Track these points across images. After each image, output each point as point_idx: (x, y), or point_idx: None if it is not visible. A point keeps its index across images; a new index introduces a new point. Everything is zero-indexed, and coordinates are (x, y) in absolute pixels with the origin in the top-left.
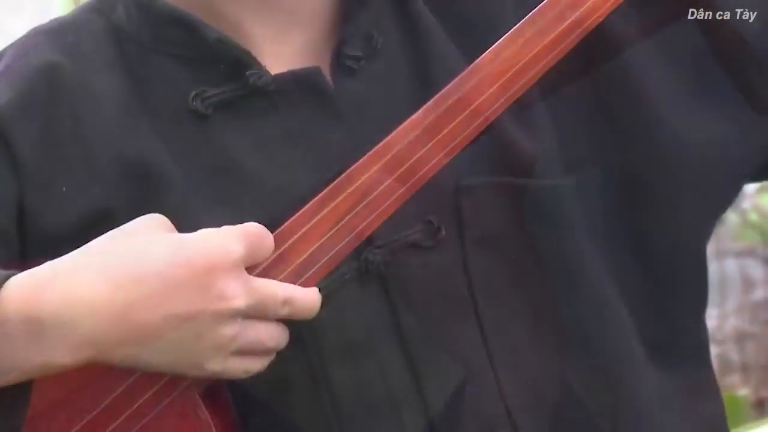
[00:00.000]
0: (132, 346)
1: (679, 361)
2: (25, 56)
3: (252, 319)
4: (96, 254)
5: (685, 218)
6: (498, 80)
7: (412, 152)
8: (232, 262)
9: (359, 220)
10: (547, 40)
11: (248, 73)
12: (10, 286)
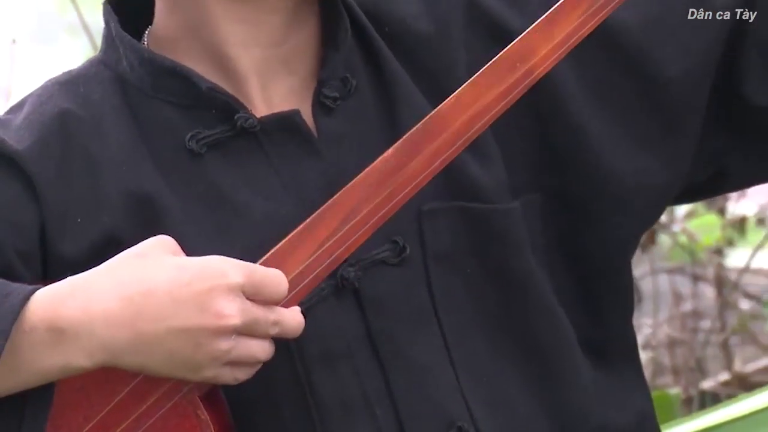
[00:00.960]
0: (139, 353)
1: (612, 360)
2: (42, 105)
3: (245, 336)
4: (110, 272)
5: (613, 236)
6: (458, 122)
7: (384, 187)
8: (230, 286)
9: (337, 246)
10: (500, 89)
11: (237, 116)
12: (36, 299)
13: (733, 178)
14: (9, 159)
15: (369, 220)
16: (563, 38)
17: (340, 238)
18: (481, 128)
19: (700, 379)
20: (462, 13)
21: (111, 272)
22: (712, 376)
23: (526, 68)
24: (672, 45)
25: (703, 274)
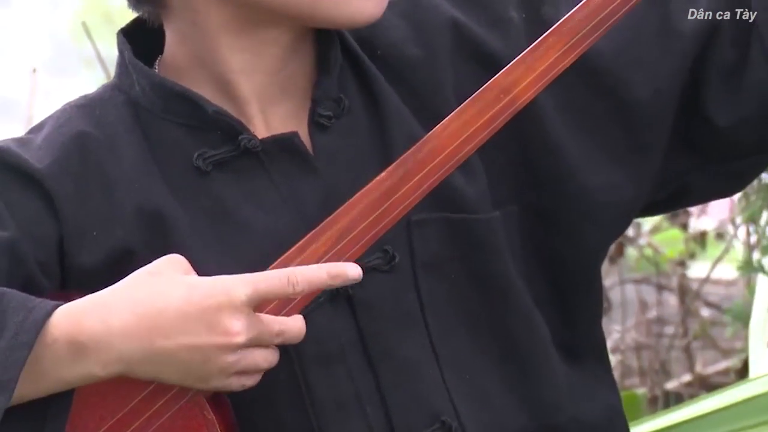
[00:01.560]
0: (152, 364)
1: (583, 359)
2: (61, 127)
3: (251, 348)
4: (126, 290)
5: (584, 245)
6: (447, 148)
7: (378, 206)
8: (237, 304)
9: (334, 259)
10: (486, 117)
11: (240, 137)
12: (57, 314)
13: (695, 194)
14: (30, 177)
15: (364, 236)
16: (544, 70)
17: (337, 252)
18: (468, 153)
19: (664, 380)
20: (448, 38)
21: (127, 290)
22: (676, 378)
23: (510, 98)
24: (641, 70)
25: (667, 284)
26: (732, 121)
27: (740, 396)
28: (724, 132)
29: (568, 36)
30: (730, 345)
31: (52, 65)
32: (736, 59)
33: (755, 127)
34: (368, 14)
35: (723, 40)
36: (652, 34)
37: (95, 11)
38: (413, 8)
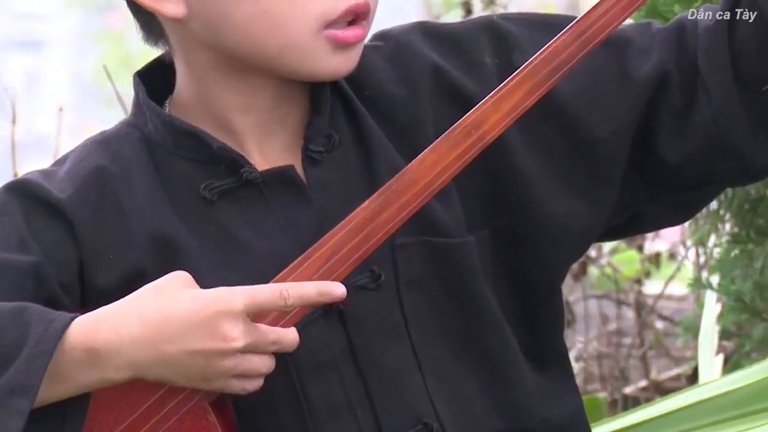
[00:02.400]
0: (159, 369)
1: (548, 367)
2: (81, 161)
3: (249, 354)
4: (135, 302)
5: (548, 266)
6: (423, 180)
7: (362, 231)
8: (235, 313)
9: (325, 278)
10: (458, 151)
11: (242, 170)
12: (74, 325)
13: (648, 222)
14: (53, 206)
15: (350, 257)
16: (510, 109)
17: (326, 271)
18: (442, 183)
19: (623, 385)
20: (429, 80)
21: (136, 302)
22: (633, 383)
23: (479, 134)
24: (600, 111)
25: (625, 299)
26: (679, 157)
27: (691, 399)
28: (672, 166)
29: (531, 77)
30: (682, 354)
31: (77, 105)
32: (683, 103)
33: (700, 163)
34: (331, 71)
35: (672, 86)
36: (610, 79)
37: (115, 56)
38: (398, 52)
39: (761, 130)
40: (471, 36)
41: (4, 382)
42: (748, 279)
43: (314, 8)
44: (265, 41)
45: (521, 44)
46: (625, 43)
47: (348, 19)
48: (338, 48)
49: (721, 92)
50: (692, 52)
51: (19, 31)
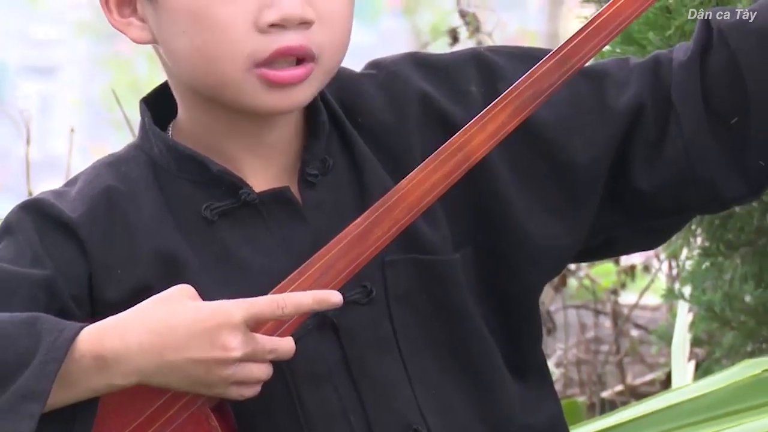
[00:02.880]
0: (163, 375)
1: (528, 376)
2: (92, 182)
3: (247, 362)
4: (141, 312)
5: (527, 283)
6: (412, 197)
7: (354, 247)
8: (234, 323)
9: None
10: (445, 171)
11: (241, 192)
12: (84, 333)
13: (620, 245)
14: (65, 225)
15: (342, 272)
16: (494, 131)
17: (319, 285)
18: (429, 202)
19: (600, 390)
20: (418, 108)
21: (142, 312)
22: (610, 388)
23: (464, 154)
24: (579, 139)
25: (603, 309)
26: (652, 185)
27: (664, 403)
28: (645, 194)
29: (515, 101)
30: (656, 360)
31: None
32: (657, 134)
33: (672, 192)
34: (269, 107)
35: (647, 118)
36: (590, 109)
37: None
38: (390, 81)
39: (731, 161)
40: (459, 66)
41: (16, 387)
42: (718, 290)
43: (243, 48)
44: (204, 76)
45: (506, 75)
46: (604, 75)
47: (288, 60)
48: (273, 87)
49: (692, 125)
50: (666, 87)
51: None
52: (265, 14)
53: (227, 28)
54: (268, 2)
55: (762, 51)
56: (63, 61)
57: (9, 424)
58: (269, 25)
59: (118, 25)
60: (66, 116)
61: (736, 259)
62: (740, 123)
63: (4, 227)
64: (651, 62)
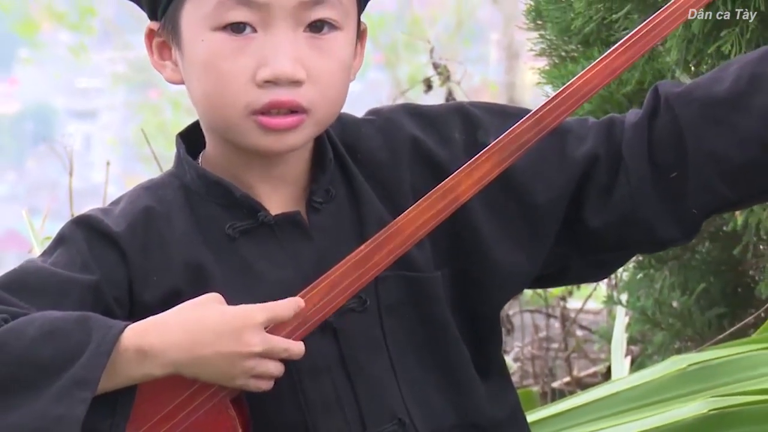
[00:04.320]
0: (194, 367)
1: (491, 375)
2: (133, 202)
3: (265, 358)
4: (177, 314)
5: (492, 301)
6: (408, 230)
7: (358, 269)
8: (255, 324)
9: (326, 305)
10: (436, 209)
11: (259, 214)
12: (128, 331)
13: (571, 276)
14: (110, 237)
15: (348, 289)
16: (480, 177)
17: (328, 301)
18: (423, 234)
19: (551, 381)
20: (409, 149)
21: (178, 314)
22: (559, 379)
23: (454, 196)
24: (542, 182)
25: (553, 313)
26: (601, 224)
27: (605, 392)
28: (595, 231)
29: (498, 154)
30: (597, 356)
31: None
32: (607, 181)
33: (617, 231)
34: (265, 148)
35: (600, 167)
36: (552, 158)
37: (152, 123)
38: (386, 125)
39: (668, 209)
40: (445, 116)
41: (70, 375)
42: (650, 297)
43: (242, 98)
44: (213, 118)
45: (484, 125)
46: (566, 131)
47: (282, 111)
48: (268, 131)
49: (638, 176)
50: (618, 143)
51: (77, 104)
52: (261, 72)
53: (230, 81)
54: (264, 62)
55: (702, 117)
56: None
57: (64, 407)
58: (264, 81)
59: (156, 65)
60: (104, 152)
61: (665, 271)
62: (678, 177)
63: (58, 238)
64: (606, 122)
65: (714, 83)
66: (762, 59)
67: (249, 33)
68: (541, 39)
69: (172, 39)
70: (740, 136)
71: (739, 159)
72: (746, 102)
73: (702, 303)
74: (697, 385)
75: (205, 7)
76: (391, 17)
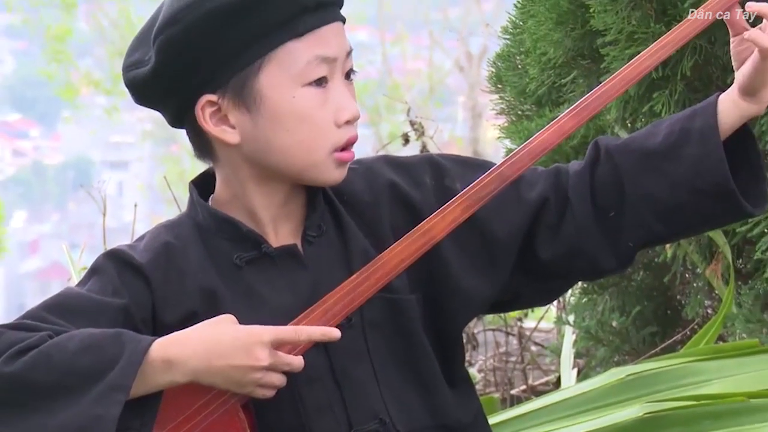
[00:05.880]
0: (210, 376)
1: (457, 384)
2: (155, 239)
3: (270, 371)
4: (197, 331)
5: (456, 322)
6: (392, 264)
7: (350, 295)
8: (264, 342)
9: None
10: (415, 247)
11: (262, 246)
12: (155, 344)
13: (522, 301)
14: (137, 267)
15: (341, 312)
16: (452, 220)
17: (325, 321)
18: (404, 267)
19: (510, 389)
20: (387, 192)
21: (198, 331)
22: (517, 387)
23: (431, 236)
24: (501, 219)
25: (511, 331)
26: (550, 256)
27: (555, 399)
28: (545, 262)
29: (468, 200)
30: (549, 368)
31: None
32: (556, 220)
33: (563, 262)
34: (335, 179)
35: (550, 208)
36: (510, 200)
37: (174, 172)
38: (368, 173)
39: (608, 243)
40: (417, 165)
41: (107, 381)
42: (593, 318)
43: (330, 138)
44: (297, 161)
45: (450, 173)
46: (521, 178)
47: (348, 145)
48: (341, 164)
49: (582, 215)
50: (565, 187)
51: (111, 156)
52: (342, 115)
53: (322, 126)
54: (342, 106)
55: (638, 166)
56: (132, 158)
57: (102, 408)
58: (344, 122)
59: (213, 132)
60: (133, 196)
61: (606, 296)
62: (617, 216)
63: (92, 268)
64: (554, 170)
65: (649, 137)
66: (690, 117)
67: (324, 84)
68: (500, 100)
69: (239, 104)
70: (671, 181)
71: (670, 201)
72: (676, 153)
73: (637, 323)
74: (633, 393)
75: (293, 68)
76: (374, 83)
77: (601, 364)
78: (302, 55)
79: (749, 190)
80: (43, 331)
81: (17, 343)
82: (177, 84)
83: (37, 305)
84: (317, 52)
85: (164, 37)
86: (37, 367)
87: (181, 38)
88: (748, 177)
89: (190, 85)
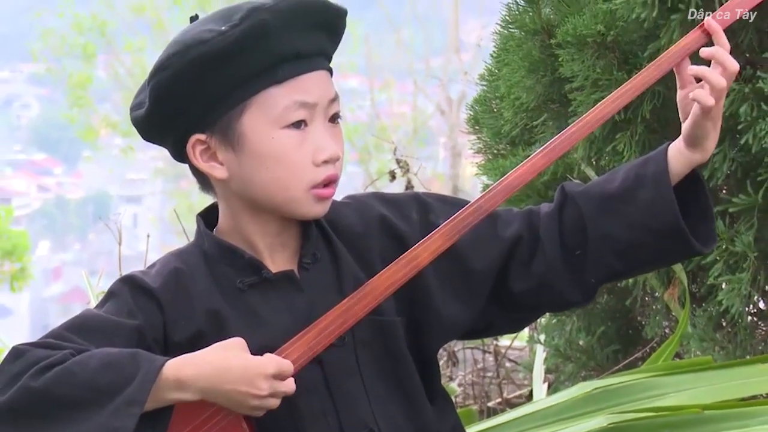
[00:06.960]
0: (216, 396)
1: (436, 400)
2: (165, 265)
3: (269, 398)
4: (208, 354)
5: (434, 344)
6: (380, 289)
7: (342, 318)
8: (267, 374)
9: (317, 345)
10: (402, 274)
11: (262, 271)
12: (168, 364)
13: (494, 329)
14: (149, 291)
15: (333, 333)
16: (435, 249)
17: (318, 341)
18: (392, 292)
19: (487, 401)
20: (377, 224)
21: (209, 353)
22: (493, 400)
23: (415, 263)
24: (478, 254)
25: (488, 349)
26: (521, 289)
27: (528, 410)
28: (516, 294)
29: (448, 233)
30: (522, 382)
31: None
32: (528, 257)
33: (532, 295)
34: (315, 214)
35: (523, 245)
36: (486, 236)
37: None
38: (360, 206)
39: (573, 278)
40: (404, 201)
41: (124, 396)
42: (562, 337)
43: (306, 176)
44: (276, 196)
45: (434, 210)
46: (497, 216)
47: (326, 183)
48: (320, 200)
49: (552, 254)
50: (537, 228)
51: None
52: (320, 155)
53: (298, 165)
54: (320, 147)
55: (598, 209)
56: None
57: (119, 421)
58: (322, 161)
59: (203, 167)
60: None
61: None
62: (581, 255)
63: (109, 293)
64: (527, 211)
65: (607, 182)
66: (643, 164)
67: (303, 127)
68: (478, 140)
69: (225, 143)
70: (628, 222)
71: (628, 240)
72: (632, 195)
73: (602, 341)
74: (598, 405)
75: (272, 112)
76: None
77: (569, 379)
78: (281, 100)
79: (699, 230)
80: (66, 349)
81: (42, 360)
82: (170, 124)
83: (60, 325)
84: (296, 97)
85: (155, 82)
86: (61, 382)
87: (170, 83)
88: (698, 218)
89: (181, 125)
